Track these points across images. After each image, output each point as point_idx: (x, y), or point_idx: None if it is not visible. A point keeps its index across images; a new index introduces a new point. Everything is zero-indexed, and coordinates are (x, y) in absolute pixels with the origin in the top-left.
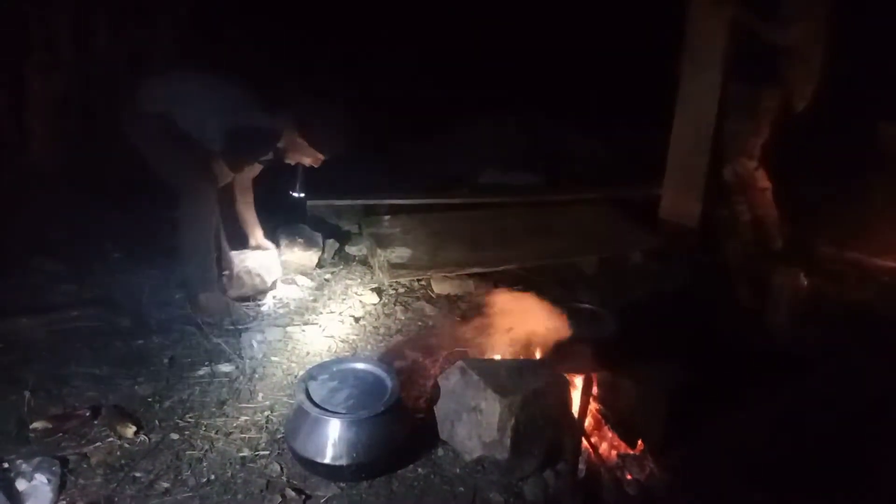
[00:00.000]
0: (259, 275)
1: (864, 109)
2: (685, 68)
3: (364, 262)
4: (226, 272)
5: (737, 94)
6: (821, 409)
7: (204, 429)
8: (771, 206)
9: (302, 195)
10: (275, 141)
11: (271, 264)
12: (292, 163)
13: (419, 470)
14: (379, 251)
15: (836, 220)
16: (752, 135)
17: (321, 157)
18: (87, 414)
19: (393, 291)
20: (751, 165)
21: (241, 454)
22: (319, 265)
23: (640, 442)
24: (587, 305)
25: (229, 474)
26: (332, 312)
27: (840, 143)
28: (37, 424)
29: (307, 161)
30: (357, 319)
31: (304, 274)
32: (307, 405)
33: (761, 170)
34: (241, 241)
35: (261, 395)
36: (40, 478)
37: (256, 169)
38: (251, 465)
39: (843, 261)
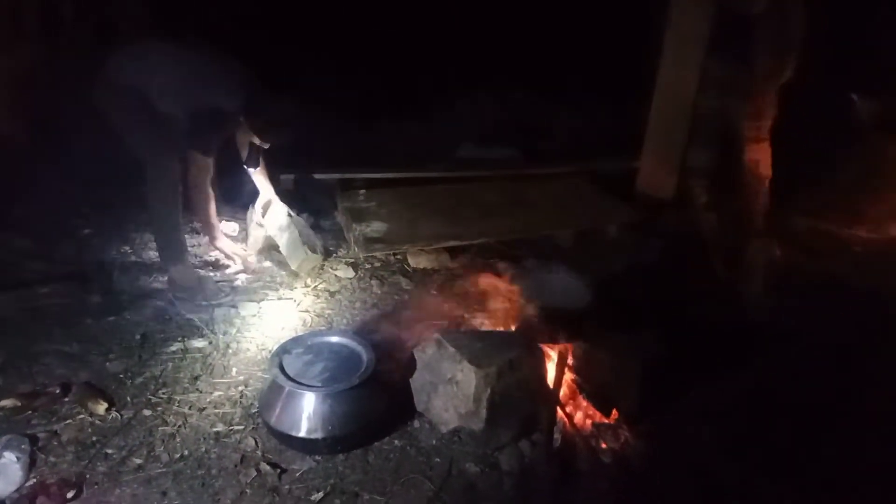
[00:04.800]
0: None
1: (839, 80)
2: (667, 43)
3: (339, 236)
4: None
5: (722, 73)
6: (794, 380)
7: (177, 404)
8: (765, 195)
9: (255, 169)
10: (232, 125)
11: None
12: (242, 140)
13: (395, 442)
14: (354, 225)
15: (810, 191)
16: (751, 118)
17: (262, 144)
18: (58, 391)
19: (369, 265)
20: (757, 152)
21: (215, 429)
22: None
23: (614, 411)
24: (563, 277)
25: (203, 450)
26: (306, 287)
27: (814, 115)
28: (6, 402)
29: (255, 142)
30: (332, 294)
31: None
32: (281, 379)
33: (766, 157)
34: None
35: (234, 369)
36: (9, 456)
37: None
38: (225, 440)
39: (818, 232)
